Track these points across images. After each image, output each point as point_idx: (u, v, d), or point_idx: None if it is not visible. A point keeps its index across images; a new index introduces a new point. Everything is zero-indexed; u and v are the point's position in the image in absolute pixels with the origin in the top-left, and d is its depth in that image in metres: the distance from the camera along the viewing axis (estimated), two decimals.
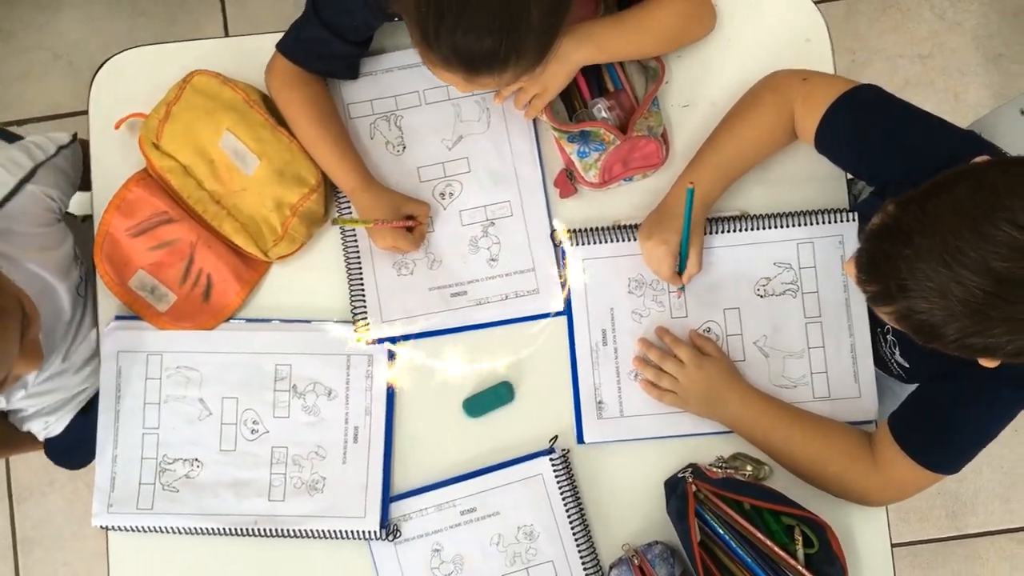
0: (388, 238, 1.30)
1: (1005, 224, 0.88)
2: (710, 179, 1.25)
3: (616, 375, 1.33)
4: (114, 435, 1.34)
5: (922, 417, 1.20)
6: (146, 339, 1.35)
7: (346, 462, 1.32)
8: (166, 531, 1.32)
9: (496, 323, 1.35)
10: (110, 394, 1.35)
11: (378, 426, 1.33)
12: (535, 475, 1.31)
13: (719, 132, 1.29)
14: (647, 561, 1.26)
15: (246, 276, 1.35)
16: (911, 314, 0.95)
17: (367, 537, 1.31)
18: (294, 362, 1.34)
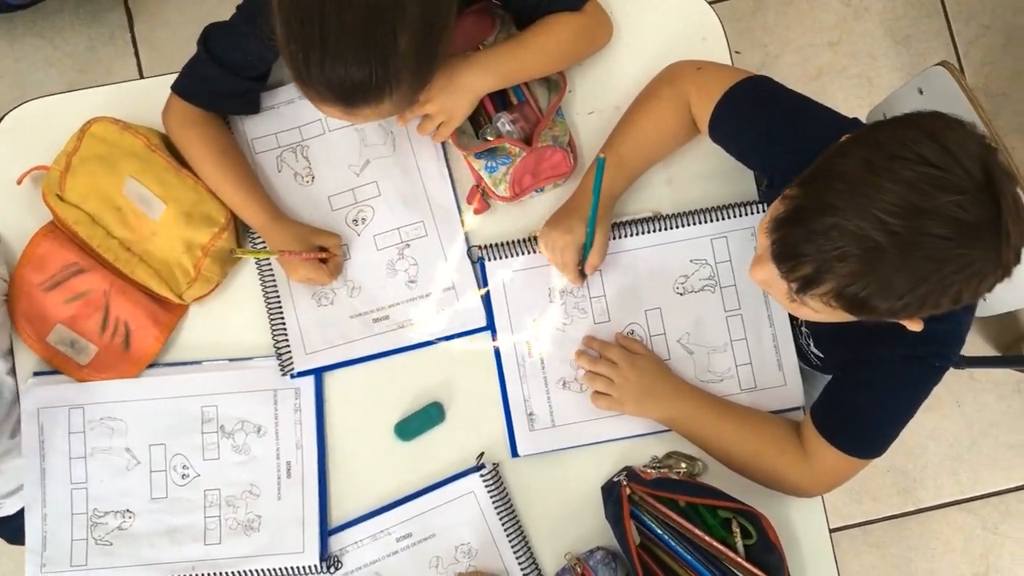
0: (301, 270, 1.29)
1: (910, 163, 0.89)
2: (613, 174, 1.26)
3: (544, 385, 1.33)
4: (41, 493, 1.32)
5: (839, 406, 1.21)
6: (66, 393, 1.33)
7: (281, 498, 1.31)
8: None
9: (421, 344, 1.34)
10: (34, 452, 1.32)
11: (310, 459, 1.31)
12: (467, 493, 1.31)
13: (619, 128, 1.30)
14: (589, 568, 1.26)
15: (164, 320, 1.34)
16: (846, 285, 0.94)
17: (308, 573, 1.29)
18: (220, 402, 1.33)
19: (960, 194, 0.89)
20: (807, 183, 0.97)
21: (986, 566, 2.20)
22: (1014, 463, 2.22)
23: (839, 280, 0.94)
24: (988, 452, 2.22)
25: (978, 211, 0.90)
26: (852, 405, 1.19)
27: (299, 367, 1.32)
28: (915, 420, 2.16)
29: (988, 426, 2.23)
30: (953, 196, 0.89)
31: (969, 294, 0.94)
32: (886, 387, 1.16)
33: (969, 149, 0.91)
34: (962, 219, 0.89)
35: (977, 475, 2.22)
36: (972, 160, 0.90)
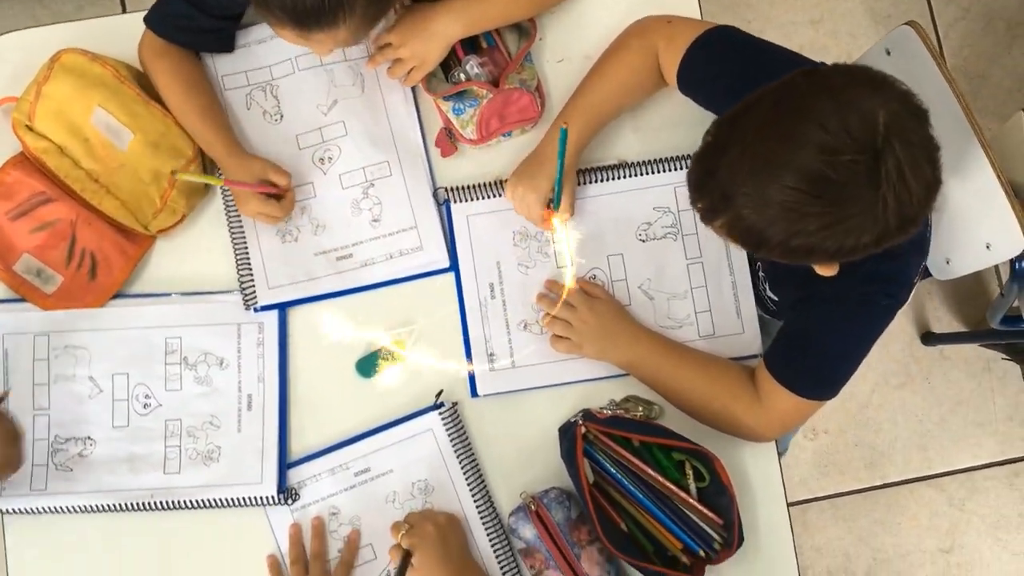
0: (253, 204, 1.30)
1: (805, 122, 0.91)
2: (581, 123, 1.28)
3: (506, 327, 1.35)
4: None
5: (791, 347, 1.23)
6: (31, 320, 1.34)
7: (241, 430, 1.32)
8: (62, 511, 1.31)
9: (384, 283, 1.35)
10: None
11: (271, 392, 1.33)
12: (425, 431, 1.32)
13: (588, 77, 1.32)
14: (543, 506, 1.27)
15: (130, 251, 1.35)
16: (737, 222, 0.98)
17: (265, 503, 1.30)
18: (184, 334, 1.34)
19: (838, 155, 0.91)
20: (721, 123, 1.01)
21: (951, 542, 2.21)
22: (982, 441, 2.23)
23: (728, 218, 0.99)
24: (957, 429, 2.24)
25: (854, 172, 0.91)
26: (803, 346, 1.21)
27: (262, 301, 1.33)
28: (884, 396, 2.19)
29: (957, 404, 2.25)
30: (832, 157, 0.91)
31: (849, 247, 0.96)
32: (835, 326, 1.18)
33: (865, 109, 0.91)
34: (836, 180, 0.91)
35: (945, 452, 2.24)
36: (864, 121, 0.91)
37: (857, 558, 2.21)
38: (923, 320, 2.26)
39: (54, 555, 1.33)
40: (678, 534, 1.25)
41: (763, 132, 0.94)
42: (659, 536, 1.26)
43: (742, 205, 0.96)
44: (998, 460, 2.24)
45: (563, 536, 1.26)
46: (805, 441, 2.23)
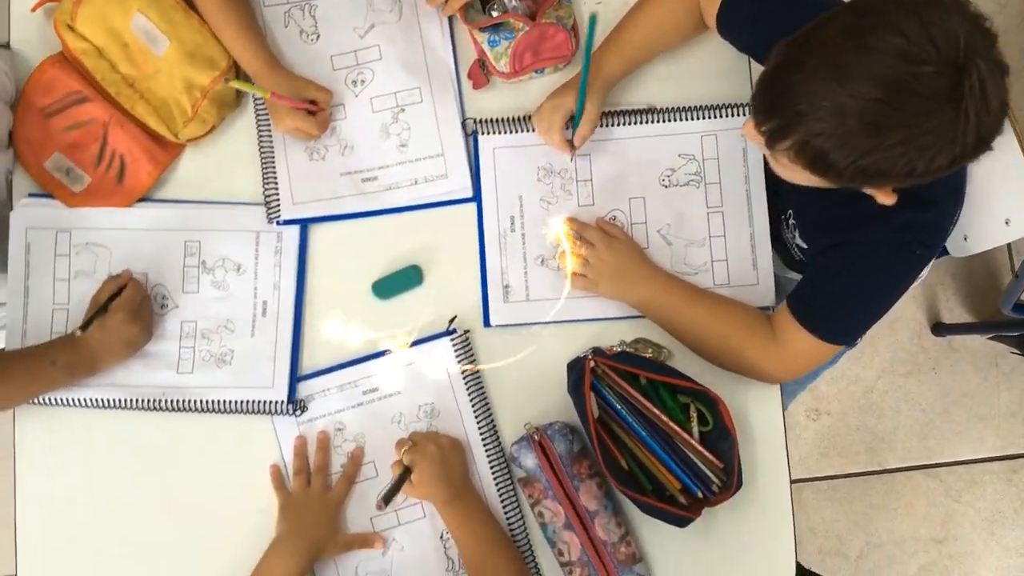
0: (288, 120, 1.31)
1: (886, 33, 0.91)
2: (614, 60, 1.29)
3: (523, 260, 1.36)
4: (23, 311, 1.35)
5: (817, 289, 1.23)
6: (56, 216, 1.36)
7: (254, 335, 1.34)
8: (76, 403, 1.32)
9: (406, 208, 1.37)
10: (19, 271, 1.35)
11: (287, 300, 1.34)
12: (437, 355, 1.33)
13: (627, 16, 1.33)
14: (546, 436, 1.28)
15: (159, 157, 1.37)
16: (808, 142, 0.96)
17: (274, 410, 1.32)
18: (203, 239, 1.36)
19: (922, 65, 0.90)
20: (791, 43, 0.99)
21: (945, 532, 2.22)
22: (984, 434, 2.24)
23: (799, 138, 0.97)
24: (959, 421, 2.24)
25: (937, 85, 0.90)
26: (829, 289, 1.21)
27: (285, 215, 1.35)
28: (890, 383, 2.19)
29: (962, 396, 2.25)
30: (915, 67, 0.90)
31: (922, 169, 0.95)
32: (865, 271, 1.17)
33: (948, 24, 0.91)
34: (918, 91, 0.91)
35: (946, 442, 2.24)
36: (947, 35, 0.90)
37: (850, 541, 2.22)
38: (934, 310, 2.26)
39: (61, 449, 1.35)
40: (678, 474, 1.26)
41: (841, 44, 0.93)
42: (658, 475, 1.27)
43: (817, 119, 0.94)
44: (998, 455, 2.24)
45: (564, 467, 1.27)
46: (807, 421, 2.24)
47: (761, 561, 1.31)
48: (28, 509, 1.34)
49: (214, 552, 1.31)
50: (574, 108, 1.28)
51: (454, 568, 1.30)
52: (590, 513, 1.27)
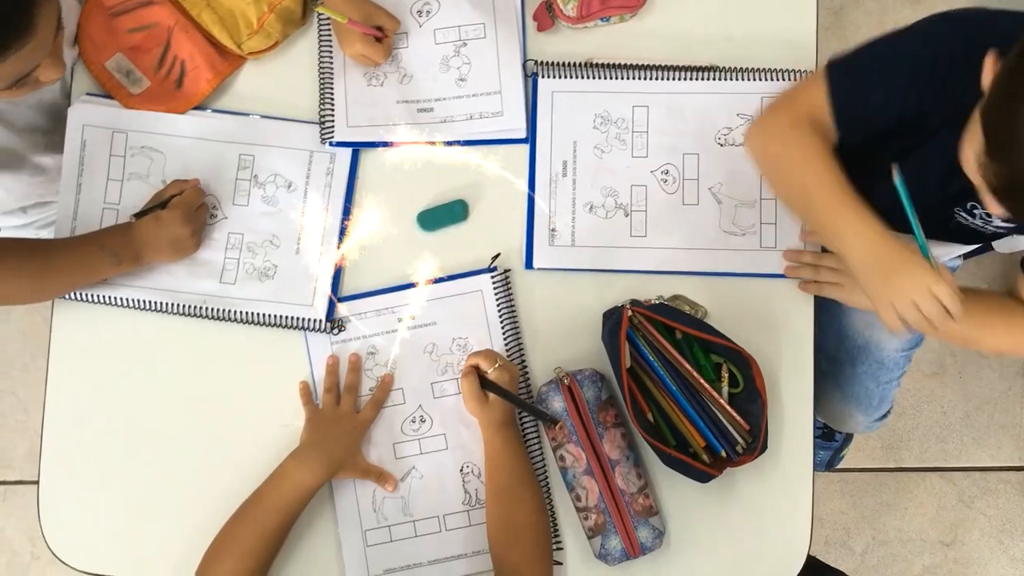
0: (357, 44, 1.32)
1: None
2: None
3: (572, 206, 1.36)
4: (74, 207, 1.36)
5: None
6: (113, 117, 1.37)
7: (299, 253, 1.35)
8: (118, 302, 1.34)
9: (460, 142, 1.37)
10: (73, 167, 1.36)
11: (333, 221, 1.35)
12: (475, 291, 1.34)
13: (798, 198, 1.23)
14: (576, 382, 1.29)
15: (220, 67, 1.37)
16: None
17: (311, 327, 1.33)
18: (257, 153, 1.36)
19: None
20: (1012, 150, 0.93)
21: (954, 537, 2.21)
22: (1003, 443, 2.22)
23: None
24: (979, 427, 2.23)
25: None
26: None
27: (339, 137, 1.35)
28: (914, 383, 2.18)
29: (984, 402, 2.23)
30: None
31: None
32: None
33: None
34: None
35: (964, 447, 2.23)
36: None
37: (857, 535, 2.21)
38: None
39: (94, 349, 1.37)
40: (703, 431, 1.26)
41: None
42: (684, 430, 1.27)
43: None
44: (1015, 465, 2.23)
45: (590, 414, 1.27)
46: None
47: (776, 528, 1.32)
48: (57, 408, 1.36)
49: (234, 461, 1.32)
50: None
51: (470, 502, 1.31)
52: (611, 462, 1.27)
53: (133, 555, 1.34)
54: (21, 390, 2.24)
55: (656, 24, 1.39)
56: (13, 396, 2.24)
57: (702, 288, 1.34)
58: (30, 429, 2.23)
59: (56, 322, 1.37)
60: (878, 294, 1.13)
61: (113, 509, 1.34)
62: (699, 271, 1.34)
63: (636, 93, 1.36)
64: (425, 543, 1.31)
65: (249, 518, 1.22)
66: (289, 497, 1.23)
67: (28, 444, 2.23)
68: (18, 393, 2.24)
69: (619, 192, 1.36)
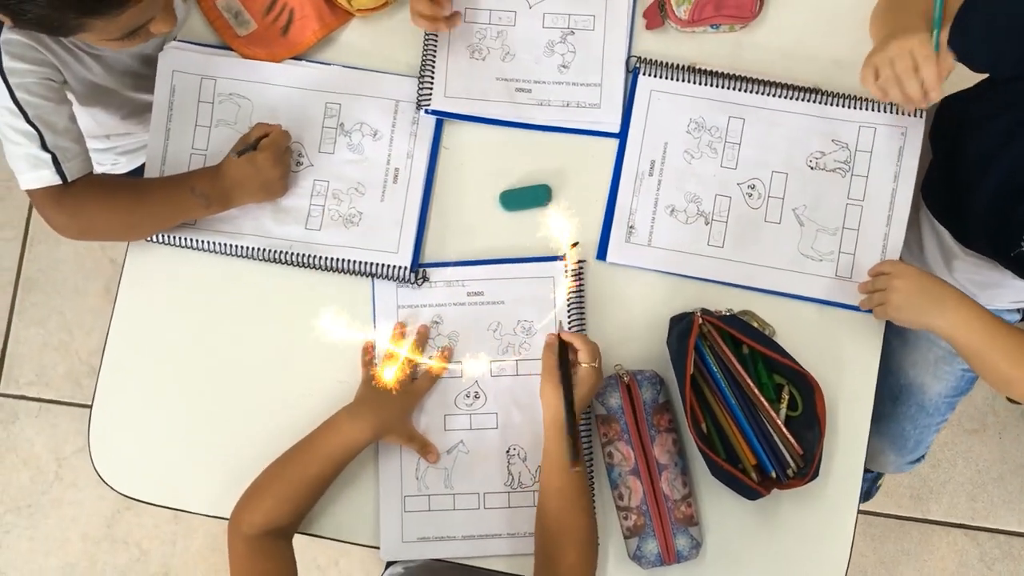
0: (419, 3, 1.29)
1: None
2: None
3: (654, 206, 1.36)
4: (163, 152, 1.37)
5: None
6: (202, 63, 1.38)
7: (384, 200, 1.35)
8: (202, 245, 1.35)
9: (552, 128, 1.37)
10: (162, 111, 1.37)
11: (419, 169, 1.36)
12: (547, 276, 1.34)
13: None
14: (636, 381, 1.28)
15: (328, 20, 1.38)
16: None
17: (396, 276, 1.33)
18: (344, 102, 1.37)
19: None
20: None
21: None
22: None
23: None
24: (1012, 490, 2.21)
25: None
26: None
27: (435, 105, 1.36)
28: (952, 437, 2.16)
29: (1020, 466, 2.21)
30: None
31: None
32: None
33: None
34: None
35: (993, 508, 2.21)
36: None
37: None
38: None
39: (162, 285, 1.38)
40: (756, 449, 1.26)
41: None
42: (736, 445, 1.27)
43: None
44: None
45: (645, 415, 1.27)
46: None
47: (814, 558, 1.31)
48: (120, 336, 1.38)
49: (285, 406, 1.33)
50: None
51: (512, 484, 1.31)
52: (659, 465, 1.27)
53: (175, 486, 1.35)
54: (69, 311, 2.26)
55: (764, 37, 1.38)
56: (60, 315, 2.26)
57: (773, 307, 1.34)
58: (71, 351, 2.26)
59: (131, 255, 1.38)
60: (870, 55, 1.16)
61: (161, 439, 1.36)
62: (772, 289, 1.34)
63: (735, 104, 1.35)
64: (462, 517, 1.31)
65: (295, 463, 1.23)
66: (336, 449, 1.24)
67: (68, 365, 2.26)
68: (66, 314, 2.26)
69: (703, 199, 1.35)
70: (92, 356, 2.23)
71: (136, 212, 1.29)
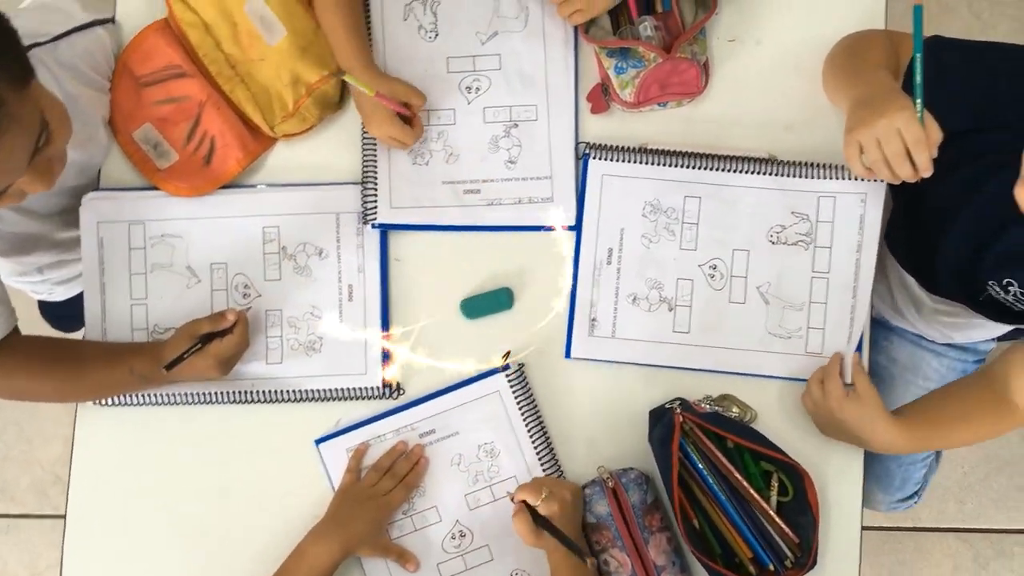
0: (385, 125, 1.26)
1: None
2: None
3: (615, 296, 1.32)
4: (102, 308, 1.31)
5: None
6: (127, 208, 1.31)
7: (343, 320, 1.31)
8: (160, 400, 1.30)
9: (505, 228, 1.32)
10: (93, 267, 1.31)
11: (373, 282, 1.31)
12: (492, 392, 1.29)
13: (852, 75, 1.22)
14: (621, 485, 1.25)
15: (250, 146, 1.32)
16: None
17: (370, 395, 1.30)
18: (281, 224, 1.32)
19: None
20: None
21: None
22: (1021, 505, 2.21)
23: None
24: (999, 489, 2.22)
25: None
26: None
27: (382, 218, 1.31)
28: None
29: (1005, 464, 2.22)
30: None
31: None
32: None
33: None
34: None
35: (982, 509, 2.21)
36: None
37: None
38: None
39: (120, 432, 1.33)
40: (752, 542, 1.23)
41: None
42: (731, 540, 1.24)
43: None
44: None
45: (636, 519, 1.24)
46: None
47: None
48: (80, 490, 1.33)
49: (262, 532, 1.30)
50: None
51: None
52: (657, 568, 1.24)
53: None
54: (26, 422, 2.19)
55: (713, 109, 1.34)
56: (17, 427, 2.19)
57: (751, 388, 1.31)
58: (33, 461, 2.18)
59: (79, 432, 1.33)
60: (851, 130, 1.10)
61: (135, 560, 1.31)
62: (742, 372, 1.31)
63: (689, 183, 1.31)
64: None
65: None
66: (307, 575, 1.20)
67: (31, 477, 2.19)
68: (23, 424, 2.19)
69: (664, 285, 1.32)
70: (55, 465, 2.17)
71: (70, 383, 1.24)
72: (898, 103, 1.07)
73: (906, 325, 1.50)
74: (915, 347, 1.53)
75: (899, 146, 1.07)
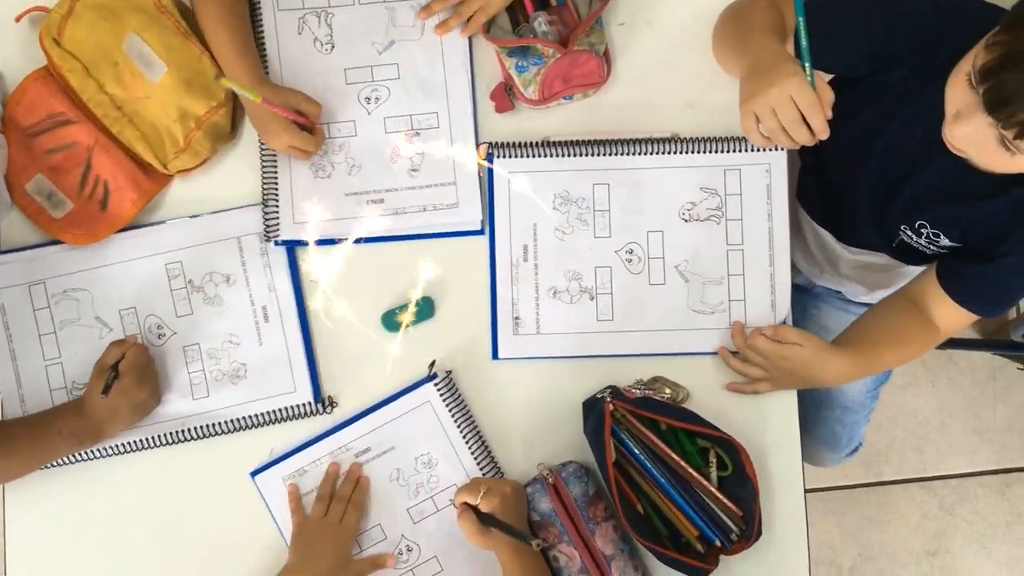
0: (283, 135, 1.24)
1: None
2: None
3: (535, 292, 1.31)
4: (15, 375, 1.29)
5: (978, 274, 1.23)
6: (24, 269, 1.29)
7: (263, 343, 1.29)
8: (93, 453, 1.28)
9: (413, 236, 1.31)
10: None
11: (286, 298, 1.29)
12: (423, 403, 1.28)
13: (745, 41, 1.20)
14: (561, 479, 1.24)
15: (145, 186, 1.29)
16: None
17: (304, 412, 1.28)
18: (183, 258, 1.30)
19: None
20: (1016, 26, 0.93)
21: (937, 546, 2.22)
22: (979, 448, 2.23)
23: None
24: (955, 435, 2.24)
25: None
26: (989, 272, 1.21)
27: (284, 235, 1.29)
28: (888, 397, 2.17)
29: (959, 409, 2.24)
30: None
31: None
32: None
33: None
34: None
35: (941, 456, 2.24)
36: None
37: (843, 552, 2.21)
38: None
39: (56, 508, 1.30)
40: (696, 521, 1.23)
41: None
42: (676, 521, 1.24)
43: None
44: (992, 469, 2.24)
45: (579, 512, 1.23)
46: None
47: None
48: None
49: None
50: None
51: None
52: (607, 557, 1.23)
53: None
54: None
55: (618, 96, 1.33)
56: None
57: (681, 367, 1.31)
58: None
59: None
60: (745, 101, 1.08)
61: None
62: (671, 352, 1.30)
63: (596, 170, 1.31)
64: None
65: None
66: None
67: None
68: None
69: (583, 275, 1.31)
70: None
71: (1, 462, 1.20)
72: (787, 69, 1.06)
73: (828, 283, 1.51)
74: (842, 312, 1.54)
75: (794, 112, 1.06)
